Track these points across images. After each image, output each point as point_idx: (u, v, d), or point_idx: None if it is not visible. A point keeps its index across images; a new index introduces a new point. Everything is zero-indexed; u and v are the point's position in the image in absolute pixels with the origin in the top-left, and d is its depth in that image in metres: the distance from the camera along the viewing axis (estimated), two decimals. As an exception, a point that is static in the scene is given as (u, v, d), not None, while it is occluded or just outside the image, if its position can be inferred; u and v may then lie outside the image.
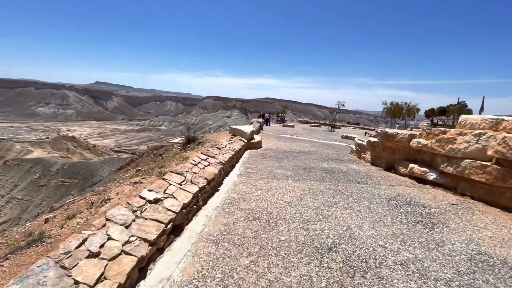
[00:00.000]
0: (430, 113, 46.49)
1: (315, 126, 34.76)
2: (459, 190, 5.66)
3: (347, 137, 20.05)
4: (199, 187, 4.15)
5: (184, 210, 3.47)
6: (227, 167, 6.14)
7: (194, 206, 3.94)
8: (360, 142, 9.80)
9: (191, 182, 4.20)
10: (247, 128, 10.62)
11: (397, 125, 24.26)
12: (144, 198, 3.26)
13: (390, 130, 7.58)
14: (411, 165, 6.69)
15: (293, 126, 28.51)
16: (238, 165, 7.17)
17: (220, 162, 5.66)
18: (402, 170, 6.98)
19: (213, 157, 5.80)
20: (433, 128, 6.72)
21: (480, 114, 25.07)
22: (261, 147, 10.68)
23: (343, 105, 29.87)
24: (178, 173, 4.29)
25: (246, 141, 9.89)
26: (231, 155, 6.58)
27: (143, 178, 6.06)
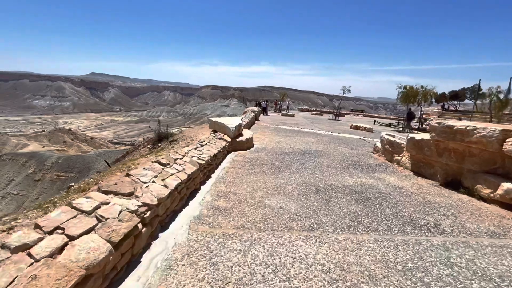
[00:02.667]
0: (441, 98, 43.21)
1: (316, 114, 31.69)
2: None
3: (356, 128, 17.09)
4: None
5: None
6: (174, 205, 3.24)
7: None
8: (391, 138, 6.89)
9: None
10: (233, 122, 7.69)
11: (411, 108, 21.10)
12: None
13: (458, 123, 4.63)
14: (506, 185, 3.80)
15: (293, 115, 25.50)
16: (205, 188, 4.25)
17: (152, 205, 2.75)
18: (486, 191, 4.08)
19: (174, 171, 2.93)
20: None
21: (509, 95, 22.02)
22: (252, 146, 7.78)
23: (349, 90, 26.72)
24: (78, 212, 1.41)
25: (229, 140, 6.98)
26: (188, 175, 3.66)
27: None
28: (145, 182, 2.85)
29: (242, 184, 4.46)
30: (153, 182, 2.93)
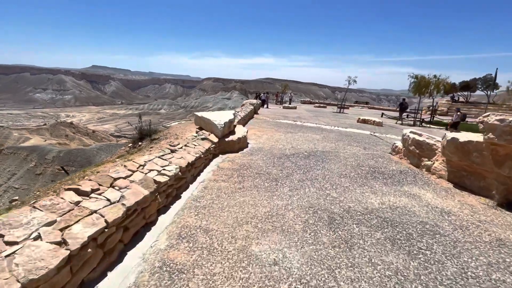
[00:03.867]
0: (450, 89, 41.19)
1: (320, 107, 30.07)
2: None
3: (364, 121, 15.60)
4: None
5: None
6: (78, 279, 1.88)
7: None
8: (418, 137, 5.45)
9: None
10: (222, 117, 6.28)
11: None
12: None
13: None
14: None
15: (295, 108, 23.96)
16: (165, 219, 2.84)
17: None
18: None
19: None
20: None
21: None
22: (245, 146, 6.39)
23: (354, 81, 25.08)
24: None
25: (215, 140, 5.60)
26: (125, 210, 2.29)
27: None
28: (15, 243, 1.49)
29: (222, 210, 3.09)
30: (35, 239, 1.57)
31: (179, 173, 3.43)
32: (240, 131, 6.87)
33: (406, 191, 4.07)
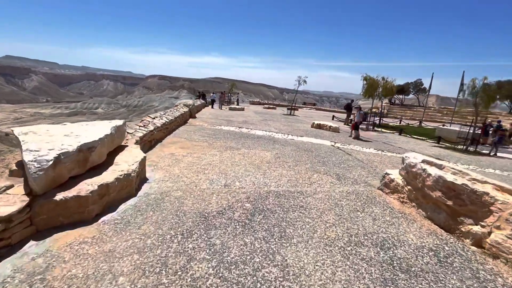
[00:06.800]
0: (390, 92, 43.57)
1: (269, 108, 27.93)
2: None
3: (319, 127, 13.59)
4: None
5: None
6: None
7: None
8: (450, 178, 2.99)
9: None
10: (77, 138, 2.92)
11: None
12: None
13: None
14: None
15: (242, 109, 21.18)
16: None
17: None
18: None
19: None
20: None
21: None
22: (130, 194, 3.17)
23: (304, 81, 23.38)
24: None
25: (11, 210, 2.25)
26: None
27: None
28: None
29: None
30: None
31: None
32: (128, 160, 3.56)
33: None
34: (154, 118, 7.11)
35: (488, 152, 10.59)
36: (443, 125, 21.59)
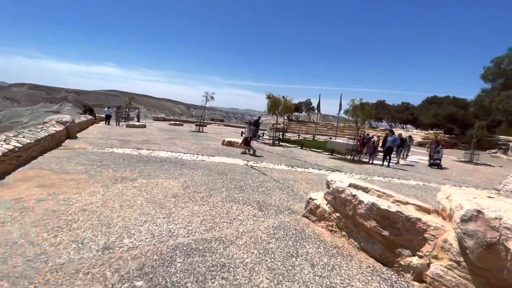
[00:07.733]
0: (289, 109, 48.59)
1: (176, 124, 25.99)
2: None
3: (230, 144, 13.18)
4: None
5: None
6: None
7: None
8: (386, 207, 2.74)
9: None
10: None
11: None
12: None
13: None
14: None
15: (144, 126, 18.65)
16: None
17: None
18: None
19: None
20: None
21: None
22: None
23: (212, 97, 22.91)
24: None
25: None
26: None
27: None
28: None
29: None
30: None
31: None
32: None
33: None
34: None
35: (367, 160, 12.57)
36: (330, 138, 25.62)
